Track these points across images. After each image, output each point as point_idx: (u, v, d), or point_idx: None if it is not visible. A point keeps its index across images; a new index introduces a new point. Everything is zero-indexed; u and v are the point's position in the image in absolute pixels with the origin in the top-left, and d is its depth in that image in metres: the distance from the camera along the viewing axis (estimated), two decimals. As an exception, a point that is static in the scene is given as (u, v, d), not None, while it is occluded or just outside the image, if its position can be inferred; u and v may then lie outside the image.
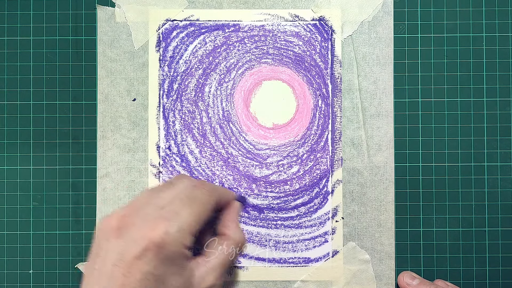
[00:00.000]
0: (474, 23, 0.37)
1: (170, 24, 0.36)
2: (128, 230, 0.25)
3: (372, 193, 0.36)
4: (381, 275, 0.36)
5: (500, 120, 0.36)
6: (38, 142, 0.36)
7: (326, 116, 0.36)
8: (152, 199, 0.27)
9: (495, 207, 0.36)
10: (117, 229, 0.26)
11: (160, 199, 0.27)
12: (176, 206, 0.27)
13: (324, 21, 0.36)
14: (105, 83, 0.36)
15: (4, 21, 0.37)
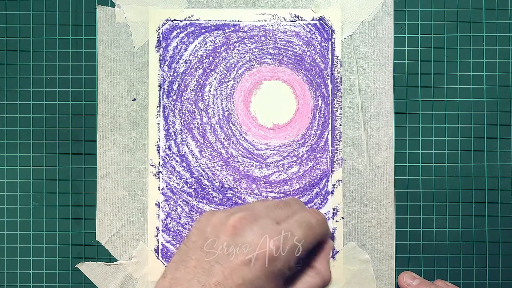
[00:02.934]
0: (474, 23, 0.37)
1: (170, 24, 0.36)
2: (243, 234, 0.26)
3: (372, 193, 0.36)
4: (381, 275, 0.36)
5: (500, 120, 0.36)
6: (38, 142, 0.36)
7: (326, 116, 0.36)
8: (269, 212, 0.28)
9: (495, 207, 0.36)
10: (233, 228, 0.26)
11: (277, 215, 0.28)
12: (292, 226, 0.27)
13: (324, 21, 0.36)
14: (105, 83, 0.36)
15: (4, 21, 0.37)
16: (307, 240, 0.27)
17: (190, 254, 0.26)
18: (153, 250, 0.36)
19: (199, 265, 0.25)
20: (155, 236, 0.36)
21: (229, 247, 0.25)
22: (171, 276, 0.26)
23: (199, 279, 0.25)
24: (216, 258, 0.25)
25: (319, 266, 0.29)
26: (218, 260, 0.25)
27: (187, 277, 0.25)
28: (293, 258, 0.26)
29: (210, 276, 0.24)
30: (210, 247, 0.26)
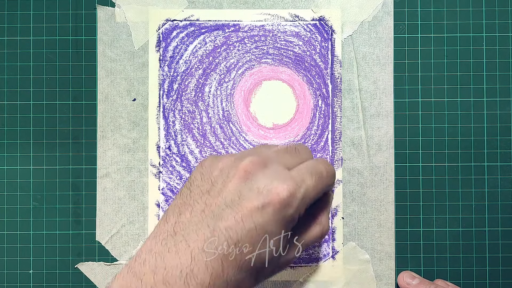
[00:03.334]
0: (474, 23, 0.37)
1: (170, 24, 0.36)
2: (255, 177, 0.25)
3: (372, 193, 0.36)
4: (381, 275, 0.36)
5: (500, 120, 0.36)
6: (38, 142, 0.36)
7: (326, 116, 0.36)
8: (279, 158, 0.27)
9: (495, 207, 0.36)
10: (245, 172, 0.25)
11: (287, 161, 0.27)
12: (303, 174, 0.26)
13: (324, 21, 0.36)
14: (105, 83, 0.36)
15: (4, 21, 0.37)
16: (317, 190, 0.27)
17: (196, 198, 0.25)
18: (153, 250, 0.36)
19: (208, 209, 0.24)
20: (155, 236, 0.36)
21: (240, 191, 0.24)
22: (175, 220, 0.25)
23: (208, 223, 0.24)
24: (226, 202, 0.24)
25: (321, 217, 0.29)
26: (228, 204, 0.24)
27: (194, 220, 0.24)
28: (304, 206, 0.26)
29: (219, 220, 0.24)
30: None
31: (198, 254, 0.23)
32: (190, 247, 0.23)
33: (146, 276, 0.23)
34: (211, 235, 0.23)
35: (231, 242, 0.23)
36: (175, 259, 0.23)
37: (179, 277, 0.23)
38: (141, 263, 0.24)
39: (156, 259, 0.23)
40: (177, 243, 0.24)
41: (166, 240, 0.24)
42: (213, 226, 0.24)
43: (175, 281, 0.23)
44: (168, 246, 0.24)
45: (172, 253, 0.23)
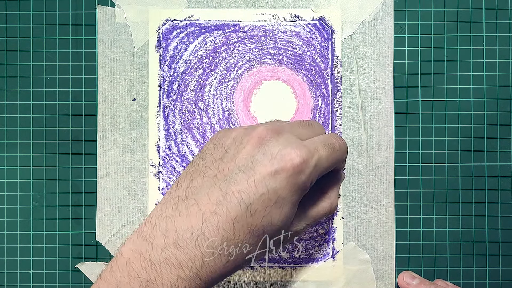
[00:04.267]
0: (474, 23, 0.37)
1: (170, 24, 0.36)
2: (269, 144, 0.25)
3: (372, 193, 0.36)
4: (381, 275, 0.36)
5: (500, 120, 0.36)
6: (38, 142, 0.36)
7: (326, 116, 0.36)
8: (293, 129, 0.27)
9: (495, 207, 0.36)
10: (258, 138, 0.25)
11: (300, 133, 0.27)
12: (316, 144, 0.26)
13: (324, 21, 0.36)
14: (105, 83, 0.36)
15: (4, 21, 0.37)
16: (329, 161, 0.27)
17: (209, 165, 0.25)
18: (153, 250, 0.36)
19: (220, 174, 0.25)
20: (155, 236, 0.36)
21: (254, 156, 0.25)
22: (187, 186, 0.25)
23: (221, 186, 0.24)
24: (239, 167, 0.24)
25: (330, 193, 0.29)
26: (241, 169, 0.24)
27: (206, 185, 0.24)
28: (316, 175, 0.26)
29: (232, 183, 0.24)
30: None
31: (210, 217, 0.23)
32: (202, 210, 0.24)
33: (156, 239, 0.23)
34: (223, 198, 0.24)
35: (243, 205, 0.24)
36: (186, 222, 0.23)
37: (190, 239, 0.23)
38: (151, 227, 0.24)
39: (167, 223, 0.24)
40: (188, 206, 0.24)
41: (177, 204, 0.24)
42: (226, 189, 0.24)
43: (186, 244, 0.23)
44: (179, 210, 0.24)
45: (183, 216, 0.24)
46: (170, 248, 0.23)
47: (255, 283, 0.35)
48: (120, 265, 0.24)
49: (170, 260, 0.23)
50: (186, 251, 0.23)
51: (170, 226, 0.24)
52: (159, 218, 0.24)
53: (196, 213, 0.24)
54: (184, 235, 0.23)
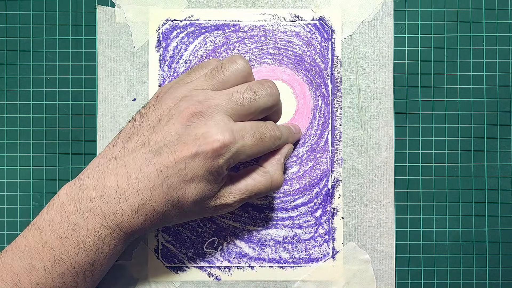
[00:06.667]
0: (474, 23, 0.37)
1: (170, 24, 0.36)
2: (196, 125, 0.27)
3: (372, 193, 0.36)
4: (381, 275, 0.36)
5: (500, 120, 0.36)
6: (38, 142, 0.36)
7: (326, 116, 0.36)
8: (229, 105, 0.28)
9: (495, 207, 0.36)
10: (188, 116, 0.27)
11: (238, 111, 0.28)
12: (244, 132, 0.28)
13: (324, 21, 0.36)
14: (105, 83, 0.36)
15: (4, 21, 0.37)
16: (253, 150, 0.29)
17: (143, 131, 0.28)
18: (153, 250, 0.36)
19: (149, 143, 0.27)
20: (155, 236, 0.36)
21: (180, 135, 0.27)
22: (122, 146, 0.28)
23: (146, 155, 0.27)
24: (165, 141, 0.27)
25: (269, 167, 0.31)
26: (166, 144, 0.27)
27: (136, 150, 0.27)
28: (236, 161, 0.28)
29: (156, 155, 0.27)
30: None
31: (132, 181, 0.27)
32: (128, 173, 0.27)
33: (88, 190, 0.27)
34: (146, 167, 0.27)
35: (161, 177, 0.26)
36: (113, 180, 0.27)
37: (114, 195, 0.27)
38: (86, 178, 0.27)
39: (99, 177, 0.27)
40: (118, 167, 0.27)
41: (110, 161, 0.27)
42: (150, 159, 0.27)
43: (110, 199, 0.27)
44: (111, 167, 0.27)
45: (112, 174, 0.27)
46: (97, 200, 0.27)
47: (255, 283, 0.35)
48: (56, 206, 0.27)
49: (96, 210, 0.27)
50: (109, 205, 0.27)
51: (100, 180, 0.27)
52: (94, 171, 0.27)
53: (122, 174, 0.27)
54: (110, 191, 0.27)
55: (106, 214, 0.27)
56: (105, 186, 0.27)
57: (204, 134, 0.26)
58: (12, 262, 0.27)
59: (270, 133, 0.29)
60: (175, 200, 0.27)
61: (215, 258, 0.36)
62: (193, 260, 0.36)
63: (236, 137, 0.27)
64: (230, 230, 0.36)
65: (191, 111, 0.27)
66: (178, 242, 0.36)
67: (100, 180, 0.27)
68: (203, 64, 0.31)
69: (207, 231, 0.36)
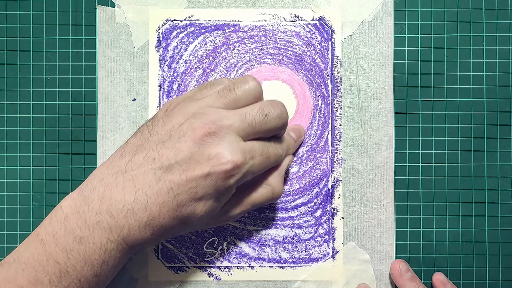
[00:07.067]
0: (474, 23, 0.37)
1: (170, 24, 0.36)
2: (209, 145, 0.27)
3: (372, 193, 0.36)
4: (381, 275, 0.36)
5: (500, 120, 0.36)
6: (38, 142, 0.36)
7: (326, 116, 0.36)
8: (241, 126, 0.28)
9: (495, 207, 0.36)
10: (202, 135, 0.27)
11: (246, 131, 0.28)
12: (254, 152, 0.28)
13: (324, 21, 0.36)
14: (105, 83, 0.36)
15: (4, 21, 0.37)
16: (260, 168, 0.29)
17: (152, 145, 0.27)
18: (153, 250, 0.36)
19: (159, 159, 0.27)
20: (155, 236, 0.36)
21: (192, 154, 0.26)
22: (129, 159, 0.27)
23: (156, 171, 0.26)
24: (177, 159, 0.26)
25: (271, 180, 0.31)
26: (178, 162, 0.26)
27: (145, 165, 0.27)
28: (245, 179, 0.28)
29: (167, 172, 0.26)
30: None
31: (141, 196, 0.26)
32: (136, 188, 0.26)
33: (93, 202, 0.26)
34: (156, 183, 0.26)
35: (171, 194, 0.26)
36: (121, 195, 0.26)
37: (121, 210, 0.26)
38: (91, 190, 0.27)
39: (105, 190, 0.27)
40: (125, 180, 0.27)
41: (117, 174, 0.27)
42: (160, 176, 0.26)
43: (117, 213, 0.26)
44: (117, 181, 0.27)
45: (119, 188, 0.26)
46: (103, 214, 0.26)
47: (255, 283, 0.35)
48: (59, 218, 0.27)
49: (102, 224, 0.26)
50: (116, 220, 0.26)
51: (107, 193, 0.26)
52: (100, 183, 0.27)
53: (130, 189, 0.26)
54: (117, 205, 0.26)
55: (112, 228, 0.26)
56: (112, 200, 0.26)
57: (218, 155, 0.26)
58: (15, 275, 0.26)
59: (275, 152, 0.30)
60: (184, 216, 0.27)
61: (215, 258, 0.36)
62: (193, 260, 0.36)
63: (246, 158, 0.27)
64: (230, 230, 0.36)
65: (205, 131, 0.27)
66: (178, 242, 0.36)
67: (107, 193, 0.26)
68: (214, 82, 0.31)
69: (207, 231, 0.36)
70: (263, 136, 0.30)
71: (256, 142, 0.29)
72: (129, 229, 0.26)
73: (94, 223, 0.26)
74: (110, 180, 0.27)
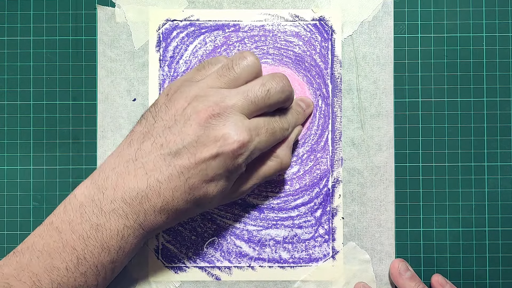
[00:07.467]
0: (474, 23, 0.37)
1: (170, 24, 0.36)
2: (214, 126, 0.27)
3: (372, 193, 0.36)
4: (381, 275, 0.36)
5: (500, 120, 0.36)
6: (38, 142, 0.36)
7: (326, 116, 0.36)
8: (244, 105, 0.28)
9: (495, 207, 0.36)
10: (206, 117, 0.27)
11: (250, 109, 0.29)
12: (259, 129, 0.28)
13: (324, 21, 0.36)
14: (105, 83, 0.36)
15: (4, 21, 0.37)
16: (267, 144, 0.30)
17: (159, 131, 0.28)
18: (153, 250, 0.36)
19: (167, 145, 0.27)
20: (155, 236, 0.36)
21: (199, 137, 0.27)
22: (138, 147, 0.28)
23: (165, 157, 0.27)
24: (184, 143, 0.27)
25: (279, 152, 0.32)
26: (186, 146, 0.27)
27: (154, 152, 0.27)
28: (253, 156, 0.29)
29: (176, 157, 0.27)
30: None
31: (153, 182, 0.27)
32: (147, 175, 0.27)
33: (108, 190, 0.27)
34: (166, 169, 0.27)
35: (182, 178, 0.27)
36: (133, 182, 0.27)
37: (135, 197, 0.27)
38: (104, 179, 0.27)
39: (118, 178, 0.27)
40: (136, 168, 0.27)
41: (128, 163, 0.27)
42: (169, 161, 0.27)
43: (132, 201, 0.27)
44: (129, 169, 0.27)
45: (131, 176, 0.27)
46: (118, 201, 0.27)
47: (255, 283, 0.35)
48: (74, 206, 0.27)
49: (118, 211, 0.27)
50: (131, 206, 0.27)
51: (120, 182, 0.27)
52: (112, 172, 0.27)
53: (142, 176, 0.27)
54: (131, 193, 0.27)
55: (128, 215, 0.27)
56: (125, 188, 0.27)
57: (224, 135, 0.27)
58: (29, 262, 0.26)
59: (280, 126, 0.30)
60: (197, 198, 0.28)
61: (215, 258, 0.36)
62: (193, 260, 0.36)
63: (252, 136, 0.28)
64: (230, 230, 0.36)
65: (209, 113, 0.27)
66: (178, 242, 0.36)
67: (120, 181, 0.27)
68: (211, 61, 0.31)
69: (207, 231, 0.36)
70: (268, 111, 0.30)
71: (261, 119, 0.29)
72: (145, 215, 0.27)
73: (110, 211, 0.27)
74: (122, 168, 0.27)
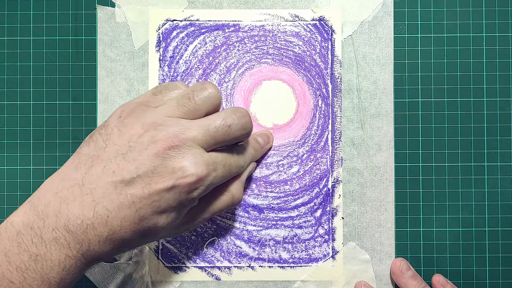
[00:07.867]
0: (474, 23, 0.37)
1: (170, 24, 0.36)
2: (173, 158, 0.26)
3: (372, 193, 0.36)
4: (381, 275, 0.36)
5: (500, 120, 0.36)
6: (38, 142, 0.36)
7: (326, 116, 0.36)
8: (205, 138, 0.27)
9: (495, 207, 0.36)
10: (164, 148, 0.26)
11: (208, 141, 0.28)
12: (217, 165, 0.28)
13: (324, 21, 0.36)
14: (105, 83, 0.36)
15: (4, 21, 0.37)
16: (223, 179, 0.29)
17: (110, 157, 0.26)
18: (153, 250, 0.36)
19: (120, 173, 0.25)
20: (155, 236, 0.36)
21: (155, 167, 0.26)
22: (85, 171, 0.26)
23: (117, 185, 0.25)
24: (139, 172, 0.25)
25: (232, 187, 0.31)
26: (140, 175, 0.25)
27: (104, 178, 0.25)
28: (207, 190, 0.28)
29: (129, 186, 0.25)
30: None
31: (101, 210, 0.25)
32: (95, 202, 0.25)
33: (49, 218, 0.25)
34: (117, 197, 0.25)
35: (133, 208, 0.25)
36: (78, 210, 0.25)
37: (80, 226, 0.25)
38: (45, 204, 0.25)
39: (61, 205, 0.25)
40: (83, 194, 0.25)
41: (73, 188, 0.25)
42: (121, 189, 0.25)
43: (76, 229, 0.25)
44: (74, 195, 0.25)
45: (76, 202, 0.25)
46: (60, 229, 0.25)
47: (255, 283, 0.35)
48: (10, 235, 0.25)
49: (60, 240, 0.25)
50: (75, 236, 0.25)
51: (63, 209, 0.25)
52: (54, 197, 0.25)
53: (89, 203, 0.25)
54: (75, 221, 0.25)
55: (71, 244, 0.25)
56: (69, 215, 0.25)
57: (182, 168, 0.26)
58: None
59: (236, 164, 0.30)
60: (145, 229, 0.26)
61: (215, 258, 0.36)
62: (193, 260, 0.36)
63: (210, 171, 0.27)
64: (230, 230, 0.36)
65: (168, 144, 0.26)
66: (178, 242, 0.36)
67: (63, 208, 0.25)
68: (168, 86, 0.30)
69: (207, 231, 0.36)
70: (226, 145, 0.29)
71: (219, 154, 0.28)
72: (89, 245, 0.25)
73: (51, 240, 0.25)
74: (66, 193, 0.25)
